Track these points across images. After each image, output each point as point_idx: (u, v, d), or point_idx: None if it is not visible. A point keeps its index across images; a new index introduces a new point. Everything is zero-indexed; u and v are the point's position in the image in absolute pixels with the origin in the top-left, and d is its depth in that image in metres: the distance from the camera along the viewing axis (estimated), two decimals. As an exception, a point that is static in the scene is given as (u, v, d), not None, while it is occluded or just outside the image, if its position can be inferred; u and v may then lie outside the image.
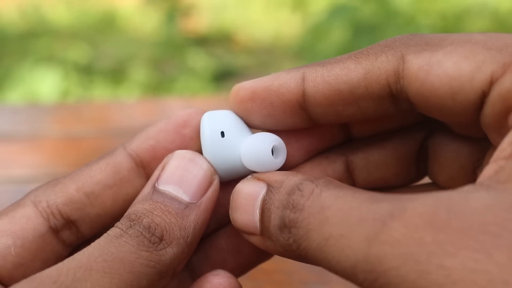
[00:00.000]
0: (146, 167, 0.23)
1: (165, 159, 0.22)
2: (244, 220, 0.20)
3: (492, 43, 0.18)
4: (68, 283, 0.17)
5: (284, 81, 0.21)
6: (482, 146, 0.21)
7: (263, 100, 0.21)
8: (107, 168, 0.22)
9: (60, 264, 0.18)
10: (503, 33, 0.18)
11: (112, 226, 0.19)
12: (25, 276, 0.21)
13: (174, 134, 0.23)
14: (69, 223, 0.22)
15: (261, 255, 0.23)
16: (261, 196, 0.20)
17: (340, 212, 0.17)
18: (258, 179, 0.20)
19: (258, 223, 0.20)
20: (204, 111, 0.23)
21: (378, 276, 0.15)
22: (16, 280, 0.21)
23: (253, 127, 0.23)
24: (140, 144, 0.23)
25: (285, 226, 0.18)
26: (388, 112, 0.21)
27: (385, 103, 0.20)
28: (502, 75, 0.17)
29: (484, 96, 0.18)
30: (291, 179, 0.19)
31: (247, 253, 0.23)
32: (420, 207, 0.15)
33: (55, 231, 0.22)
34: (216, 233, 0.24)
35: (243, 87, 0.22)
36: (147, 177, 0.23)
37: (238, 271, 0.23)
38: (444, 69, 0.18)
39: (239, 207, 0.21)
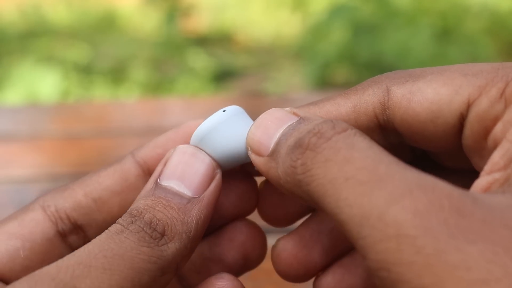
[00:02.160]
0: None
1: (167, 154, 0.22)
2: (261, 138, 0.20)
3: (468, 69, 0.19)
4: (67, 280, 0.17)
5: None
6: (475, 178, 0.22)
7: None
8: (115, 174, 0.23)
9: (59, 261, 0.18)
10: (480, 63, 0.20)
11: None
12: None
13: (182, 143, 0.23)
14: (76, 228, 0.22)
15: (245, 265, 0.23)
16: (289, 123, 0.20)
17: (368, 160, 0.16)
18: (295, 113, 0.20)
19: (272, 145, 0.20)
20: None
21: (388, 238, 0.15)
22: None
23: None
24: (148, 152, 0.23)
25: (300, 146, 0.18)
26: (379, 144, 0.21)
27: (374, 135, 0.21)
28: (478, 97, 0.18)
29: (462, 118, 0.19)
30: (325, 119, 0.19)
31: (230, 262, 0.23)
32: (448, 190, 0.15)
33: (62, 235, 0.22)
34: (200, 242, 0.23)
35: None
36: None
37: None
38: (424, 95, 0.19)
39: (263, 125, 0.21)
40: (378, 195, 0.16)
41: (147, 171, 0.23)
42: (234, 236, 0.23)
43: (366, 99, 0.20)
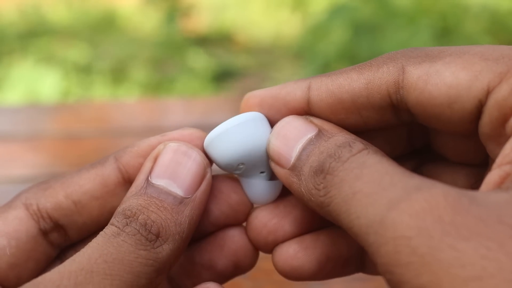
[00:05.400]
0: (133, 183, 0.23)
1: (157, 150, 0.22)
2: (280, 149, 0.21)
3: (489, 54, 0.18)
4: (71, 287, 0.17)
5: (290, 90, 0.22)
6: (478, 170, 0.22)
7: (271, 107, 0.22)
8: (95, 179, 0.23)
9: (61, 267, 0.18)
10: (500, 45, 0.19)
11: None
12: (19, 276, 0.21)
13: None
14: (57, 226, 0.22)
15: (235, 271, 0.23)
16: (308, 136, 0.20)
17: (375, 174, 0.17)
18: (312, 122, 0.21)
19: (293, 158, 0.20)
20: (201, 132, 0.23)
21: (388, 241, 0.15)
22: (11, 280, 0.21)
23: None
24: (130, 160, 0.23)
25: (322, 171, 0.19)
26: (390, 123, 0.21)
27: (386, 113, 0.21)
28: (498, 84, 0.18)
29: (481, 105, 0.18)
30: (343, 134, 0.20)
31: (221, 269, 0.23)
32: (446, 190, 0.16)
33: (44, 233, 0.22)
34: (191, 247, 0.24)
35: (253, 95, 0.22)
36: None
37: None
38: (442, 78, 0.19)
39: (281, 135, 0.21)
40: (380, 203, 0.16)
41: (127, 179, 0.23)
42: (225, 244, 0.23)
43: (380, 76, 0.20)
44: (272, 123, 0.22)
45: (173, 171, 0.21)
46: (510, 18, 1.77)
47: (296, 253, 0.22)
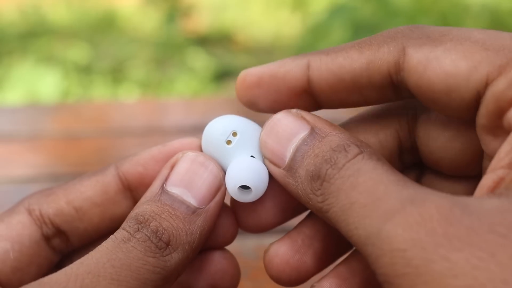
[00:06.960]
0: (133, 191, 0.23)
1: (174, 158, 0.22)
2: (274, 148, 0.20)
3: (490, 43, 0.18)
4: None
5: (290, 68, 0.21)
6: (475, 183, 0.22)
7: (269, 87, 0.21)
8: (96, 186, 0.23)
9: (68, 269, 0.18)
10: (502, 32, 0.19)
11: (100, 242, 0.19)
12: (22, 280, 0.22)
13: (163, 163, 0.23)
14: (59, 232, 0.23)
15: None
16: (301, 135, 0.20)
17: (370, 182, 0.17)
18: (303, 117, 0.20)
19: (287, 159, 0.20)
20: (200, 141, 0.23)
21: (384, 254, 0.16)
22: (14, 284, 0.21)
23: (260, 112, 0.23)
24: (130, 168, 0.23)
25: (319, 177, 0.19)
26: (391, 100, 0.21)
27: (387, 91, 0.20)
28: (497, 76, 0.18)
29: (479, 96, 0.18)
30: (337, 134, 0.19)
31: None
32: (439, 201, 0.16)
33: (46, 238, 0.22)
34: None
35: (249, 74, 0.22)
36: (134, 200, 0.23)
37: None
38: (441, 65, 0.19)
39: (274, 133, 0.21)
40: (376, 214, 0.16)
41: (127, 187, 0.23)
42: (203, 267, 0.23)
43: (381, 57, 0.20)
44: (270, 103, 0.22)
45: (189, 181, 0.21)
46: (510, 18, 1.77)
47: (338, 287, 0.22)
